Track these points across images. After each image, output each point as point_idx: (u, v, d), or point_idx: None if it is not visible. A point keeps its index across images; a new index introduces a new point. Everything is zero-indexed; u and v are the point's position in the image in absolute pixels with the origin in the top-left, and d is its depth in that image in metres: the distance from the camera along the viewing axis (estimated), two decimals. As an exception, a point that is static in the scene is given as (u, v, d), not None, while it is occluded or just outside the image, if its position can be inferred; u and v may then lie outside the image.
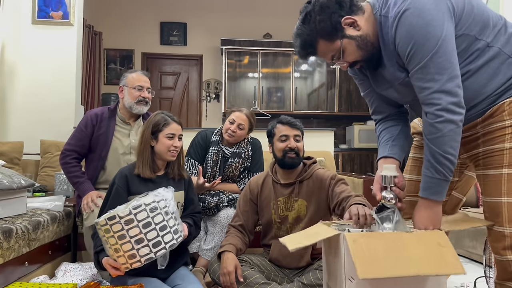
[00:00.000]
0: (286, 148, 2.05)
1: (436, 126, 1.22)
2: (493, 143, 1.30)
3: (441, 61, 1.20)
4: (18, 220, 2.03)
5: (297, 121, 2.13)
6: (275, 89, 6.46)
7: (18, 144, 3.33)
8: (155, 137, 1.98)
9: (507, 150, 1.27)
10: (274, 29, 6.72)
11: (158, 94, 6.70)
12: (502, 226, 1.26)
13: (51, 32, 3.87)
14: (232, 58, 6.37)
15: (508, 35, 1.31)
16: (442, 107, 1.20)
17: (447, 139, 1.22)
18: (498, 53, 1.29)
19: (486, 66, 1.28)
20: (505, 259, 1.26)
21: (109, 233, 1.62)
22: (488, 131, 1.31)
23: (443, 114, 1.20)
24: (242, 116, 2.58)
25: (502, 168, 1.27)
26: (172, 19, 6.74)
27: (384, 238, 1.23)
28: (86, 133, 2.44)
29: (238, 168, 2.61)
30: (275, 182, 2.13)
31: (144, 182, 1.96)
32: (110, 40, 6.51)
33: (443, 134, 1.21)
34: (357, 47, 1.33)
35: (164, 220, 1.68)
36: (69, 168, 2.39)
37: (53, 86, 3.84)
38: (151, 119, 2.02)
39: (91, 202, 2.24)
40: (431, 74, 1.21)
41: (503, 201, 1.27)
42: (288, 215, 2.08)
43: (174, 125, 2.01)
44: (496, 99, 1.30)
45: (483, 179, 1.34)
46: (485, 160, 1.33)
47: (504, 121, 1.29)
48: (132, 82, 2.49)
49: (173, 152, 1.98)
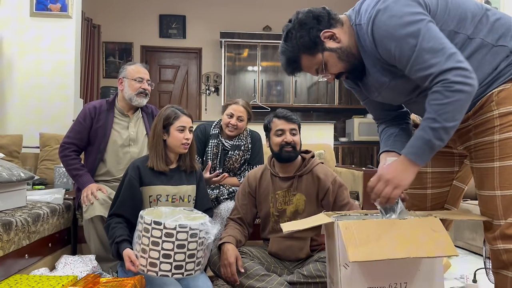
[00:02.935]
0: (283, 143, 2.05)
1: (443, 94, 1.17)
2: (483, 135, 1.29)
3: (431, 45, 1.18)
4: (18, 212, 2.03)
5: (293, 114, 2.11)
6: (275, 82, 6.44)
7: (17, 137, 3.33)
8: (166, 130, 2.02)
9: (497, 143, 1.26)
10: (273, 22, 6.68)
11: (157, 87, 6.68)
12: (497, 219, 1.26)
13: (49, 24, 3.85)
14: (232, 51, 6.34)
15: (490, 24, 1.29)
16: (451, 80, 1.16)
17: (451, 108, 1.18)
18: (481, 44, 1.27)
19: (470, 59, 1.26)
20: (496, 248, 1.27)
21: (147, 233, 1.69)
22: (478, 122, 1.30)
23: (453, 85, 1.16)
24: (239, 108, 2.58)
25: (494, 161, 1.27)
26: (171, 12, 6.70)
27: (376, 224, 1.24)
28: (85, 125, 2.43)
29: (239, 161, 2.61)
30: (273, 175, 2.13)
31: (157, 174, 2.01)
32: (109, 33, 6.48)
33: (449, 102, 1.17)
34: (338, 58, 1.35)
35: (196, 249, 1.73)
36: (68, 161, 2.39)
37: (52, 79, 3.83)
38: (162, 113, 2.06)
39: (90, 195, 2.24)
40: (427, 61, 1.18)
41: (496, 194, 1.26)
42: (286, 209, 2.08)
43: (184, 118, 2.04)
44: (484, 90, 1.28)
45: (476, 172, 1.34)
46: (476, 153, 1.32)
47: (492, 112, 1.27)
48: (132, 73, 2.48)
49: (185, 144, 2.02)
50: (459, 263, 2.46)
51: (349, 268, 1.24)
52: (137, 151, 2.48)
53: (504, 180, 1.25)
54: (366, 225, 1.23)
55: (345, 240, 1.17)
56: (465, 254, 2.97)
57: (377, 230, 1.21)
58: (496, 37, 1.28)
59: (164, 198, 2.00)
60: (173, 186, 2.02)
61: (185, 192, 2.05)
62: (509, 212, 1.24)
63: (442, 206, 1.54)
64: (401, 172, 1.27)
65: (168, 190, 2.01)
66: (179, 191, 2.03)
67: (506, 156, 1.25)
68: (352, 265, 1.25)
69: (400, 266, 1.26)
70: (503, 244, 1.25)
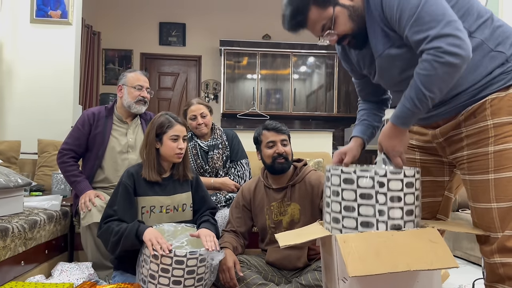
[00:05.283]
0: (275, 154, 2.04)
1: (432, 64, 1.15)
2: (477, 146, 1.27)
3: (434, 9, 1.16)
4: (15, 219, 2.02)
5: (282, 125, 2.12)
6: (274, 90, 6.46)
7: (15, 143, 3.32)
8: (159, 139, 1.99)
9: (491, 154, 1.25)
10: (273, 31, 6.72)
11: (156, 95, 6.69)
12: (495, 232, 1.25)
13: (49, 31, 3.86)
14: (231, 59, 6.36)
15: (493, 28, 1.28)
16: (444, 49, 1.13)
17: (438, 81, 1.17)
18: (480, 44, 1.26)
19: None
20: (492, 262, 1.26)
21: (157, 259, 1.69)
22: (472, 132, 1.29)
23: (444, 56, 1.14)
24: (197, 106, 2.65)
25: (488, 173, 1.25)
26: (171, 20, 6.73)
27: (374, 236, 1.22)
28: (83, 132, 2.43)
29: (220, 159, 2.65)
30: (267, 187, 2.13)
31: (150, 184, 1.99)
32: (109, 40, 6.50)
33: (436, 73, 1.15)
34: (349, 17, 1.31)
35: (204, 272, 1.76)
36: (66, 167, 2.38)
37: (51, 86, 3.83)
38: (155, 121, 2.02)
39: (88, 202, 2.23)
40: (427, 23, 1.16)
41: (492, 207, 1.25)
42: (282, 220, 2.08)
43: (178, 127, 2.01)
44: (476, 93, 1.27)
45: (469, 184, 1.32)
46: (470, 165, 1.30)
47: (486, 121, 1.26)
48: (132, 81, 2.48)
49: (179, 154, 1.99)
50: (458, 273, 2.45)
51: (348, 281, 1.22)
52: (135, 158, 2.47)
53: (500, 192, 1.24)
54: (364, 238, 1.21)
55: (344, 254, 1.16)
56: (464, 264, 2.96)
57: (376, 243, 1.19)
58: (496, 42, 1.27)
59: (157, 209, 1.98)
60: (167, 196, 2.01)
61: (179, 201, 2.03)
62: (506, 224, 1.23)
63: (435, 216, 1.54)
64: (391, 139, 1.29)
65: (162, 200, 1.99)
66: (173, 201, 2.02)
67: (501, 168, 1.23)
68: (351, 278, 1.23)
69: (399, 278, 1.24)
70: (500, 257, 1.24)
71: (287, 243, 1.33)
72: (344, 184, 1.27)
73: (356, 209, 1.25)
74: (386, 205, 1.23)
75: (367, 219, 1.24)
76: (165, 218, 2.00)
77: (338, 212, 1.29)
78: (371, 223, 1.24)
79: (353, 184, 1.25)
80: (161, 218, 1.99)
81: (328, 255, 1.36)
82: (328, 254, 1.36)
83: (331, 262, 1.32)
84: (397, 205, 1.24)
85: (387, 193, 1.23)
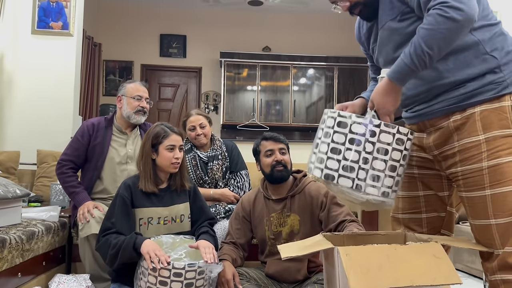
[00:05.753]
0: (273, 162, 2.04)
1: (436, 18, 1.17)
2: (470, 162, 1.27)
3: None
4: (12, 230, 2.00)
5: (280, 135, 2.13)
6: (274, 101, 6.48)
7: (14, 154, 3.31)
8: (155, 150, 1.98)
9: (486, 170, 1.24)
10: (273, 43, 6.76)
11: (156, 106, 6.71)
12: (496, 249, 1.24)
13: (50, 42, 3.88)
14: (231, 70, 6.39)
15: (494, 34, 1.29)
16: (449, 4, 1.15)
17: (439, 36, 1.18)
18: (476, 44, 1.27)
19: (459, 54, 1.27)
20: (493, 279, 1.25)
21: (155, 272, 1.67)
22: (464, 147, 1.28)
23: (448, 10, 1.16)
24: (196, 117, 2.65)
25: (484, 189, 1.25)
26: (172, 32, 6.78)
27: (377, 250, 1.21)
28: (83, 142, 2.43)
29: (220, 170, 2.64)
30: (266, 198, 2.12)
31: (147, 195, 1.97)
32: (110, 51, 6.53)
33: (438, 28, 1.17)
34: None
35: (203, 285, 1.74)
36: (65, 178, 2.37)
37: (52, 96, 3.83)
38: (151, 131, 2.02)
39: (87, 213, 2.21)
40: None
41: (491, 223, 1.24)
42: (282, 231, 2.06)
43: (174, 136, 2.00)
44: (465, 98, 1.27)
45: (467, 201, 1.31)
46: (465, 181, 1.29)
47: (478, 136, 1.26)
48: (131, 91, 2.49)
49: (175, 164, 1.98)
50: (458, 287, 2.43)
51: None
52: (134, 168, 2.46)
53: (497, 208, 1.23)
54: (367, 251, 1.20)
55: (346, 267, 1.14)
56: (465, 277, 2.93)
57: (379, 257, 1.18)
58: (493, 47, 1.28)
59: (155, 221, 1.96)
60: (164, 207, 1.99)
61: (177, 212, 2.02)
62: (506, 240, 1.22)
63: (439, 231, 1.52)
64: (384, 96, 1.30)
65: (159, 212, 1.98)
66: (170, 212, 2.00)
67: (496, 183, 1.23)
68: None
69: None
70: (501, 274, 1.23)
71: (289, 254, 1.31)
72: (337, 127, 1.29)
73: (342, 152, 1.26)
74: (371, 154, 1.24)
75: (350, 164, 1.25)
76: (163, 230, 1.98)
77: (324, 153, 1.30)
78: (352, 168, 1.25)
79: (346, 128, 1.27)
80: (159, 229, 1.98)
81: (331, 267, 1.34)
82: (331, 266, 1.35)
83: (333, 274, 1.31)
84: (382, 157, 1.25)
85: (375, 143, 1.24)
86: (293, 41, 6.69)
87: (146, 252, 1.71)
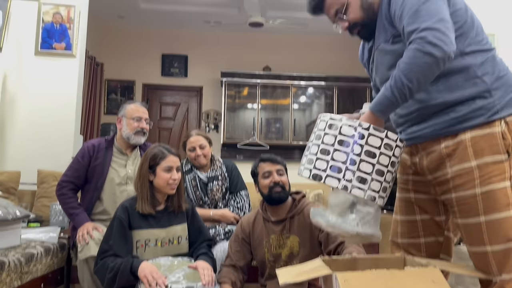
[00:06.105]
0: (271, 184, 2.05)
1: (414, 53, 1.21)
2: (464, 189, 1.28)
3: (432, 7, 1.24)
4: (11, 252, 2.00)
5: (278, 157, 2.14)
6: (274, 119, 6.51)
7: (15, 174, 3.32)
8: (152, 171, 2.00)
9: (479, 196, 1.25)
10: (273, 63, 6.83)
11: (157, 124, 6.74)
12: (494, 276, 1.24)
13: (53, 63, 3.92)
14: (232, 89, 6.45)
15: (487, 59, 1.32)
16: (428, 40, 1.20)
17: (417, 70, 1.21)
18: (466, 67, 1.30)
19: (450, 76, 1.29)
20: None
21: None
22: (457, 174, 1.29)
23: (426, 46, 1.20)
24: (196, 138, 2.67)
25: (479, 216, 1.25)
26: (173, 52, 6.86)
27: (376, 276, 1.21)
28: (83, 164, 2.44)
29: (220, 191, 2.64)
30: (266, 219, 2.11)
31: (144, 217, 1.98)
32: (112, 71, 6.59)
33: (416, 62, 1.21)
34: (360, 6, 1.42)
35: None
36: (65, 199, 2.38)
37: (53, 116, 3.85)
38: (148, 153, 2.04)
39: (86, 234, 2.21)
40: (422, 16, 1.24)
41: (488, 250, 1.24)
42: (281, 253, 2.05)
43: (171, 158, 2.02)
44: (455, 123, 1.29)
45: (463, 228, 1.32)
46: (460, 208, 1.30)
47: (470, 162, 1.26)
48: (130, 113, 2.51)
49: (172, 185, 1.99)
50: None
51: None
52: (134, 189, 2.47)
53: (492, 234, 1.23)
54: (365, 277, 1.19)
55: None
56: (467, 299, 2.90)
57: (377, 282, 1.18)
58: (484, 72, 1.30)
59: (152, 243, 1.96)
60: (162, 229, 2.00)
61: (174, 234, 2.02)
62: (503, 267, 1.22)
63: (438, 255, 1.52)
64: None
65: (157, 234, 1.98)
66: (168, 234, 2.00)
67: (490, 210, 1.23)
68: None
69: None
70: None
71: (287, 280, 1.30)
72: (328, 129, 1.32)
73: (331, 153, 1.28)
74: (359, 156, 1.26)
75: (338, 165, 1.27)
76: (161, 252, 1.98)
77: (314, 154, 1.32)
78: (340, 168, 1.26)
79: (336, 130, 1.30)
80: (157, 251, 1.98)
81: (328, 293, 1.34)
82: (328, 291, 1.34)
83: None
84: (369, 160, 1.26)
85: (364, 145, 1.26)
86: (293, 61, 6.77)
87: (144, 275, 1.71)
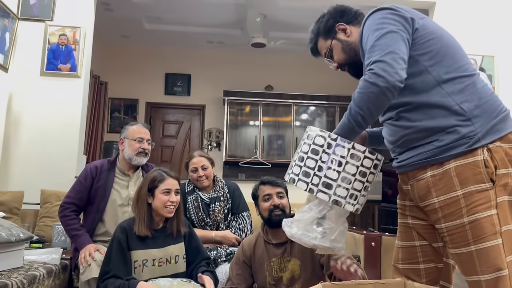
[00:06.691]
0: (271, 207, 2.07)
1: (363, 83, 1.30)
2: (453, 218, 1.29)
3: (386, 42, 1.31)
4: (14, 274, 2.01)
5: (278, 179, 2.16)
6: (276, 137, 6.54)
7: (18, 194, 3.33)
8: (151, 194, 2.03)
9: (467, 226, 1.26)
10: (275, 82, 6.90)
11: (160, 142, 6.79)
12: None
13: (58, 83, 3.97)
14: (234, 107, 6.50)
15: (465, 86, 1.32)
16: (374, 71, 1.27)
17: (366, 99, 1.29)
18: (445, 96, 1.32)
19: (429, 106, 1.33)
20: None
21: None
22: (445, 203, 1.30)
23: (372, 77, 1.27)
24: (198, 159, 2.71)
25: (469, 245, 1.26)
26: (177, 71, 6.94)
27: None
28: (85, 185, 2.46)
29: (222, 211, 2.66)
30: (267, 242, 2.12)
31: (141, 238, 1.99)
32: (115, 89, 6.67)
33: (364, 92, 1.29)
34: (341, 49, 1.56)
35: None
36: (67, 221, 2.39)
37: (57, 136, 3.89)
38: (148, 176, 2.08)
39: (88, 256, 2.22)
40: (375, 51, 1.31)
41: (481, 279, 1.25)
42: (283, 276, 2.05)
43: (170, 180, 2.05)
44: (439, 152, 1.30)
45: (456, 258, 1.33)
46: (451, 238, 1.31)
47: (456, 191, 1.28)
48: (132, 134, 2.55)
49: (169, 207, 2.02)
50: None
51: None
52: (134, 211, 2.49)
53: (483, 263, 1.24)
54: None
55: None
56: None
57: None
58: (463, 99, 1.31)
59: (150, 263, 1.98)
60: (159, 249, 2.01)
61: (171, 253, 2.04)
62: None
63: (437, 281, 1.52)
64: None
65: (154, 254, 2.00)
66: (165, 253, 2.02)
67: (479, 239, 1.24)
68: None
69: None
70: None
71: None
72: (306, 139, 1.46)
73: (305, 160, 1.42)
74: (326, 164, 1.38)
75: (308, 170, 1.40)
76: (158, 272, 1.99)
77: (294, 161, 1.47)
78: (309, 173, 1.40)
79: (311, 139, 1.43)
80: (154, 271, 1.99)
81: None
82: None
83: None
84: (335, 168, 1.38)
85: (330, 154, 1.38)
86: (295, 80, 6.84)
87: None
